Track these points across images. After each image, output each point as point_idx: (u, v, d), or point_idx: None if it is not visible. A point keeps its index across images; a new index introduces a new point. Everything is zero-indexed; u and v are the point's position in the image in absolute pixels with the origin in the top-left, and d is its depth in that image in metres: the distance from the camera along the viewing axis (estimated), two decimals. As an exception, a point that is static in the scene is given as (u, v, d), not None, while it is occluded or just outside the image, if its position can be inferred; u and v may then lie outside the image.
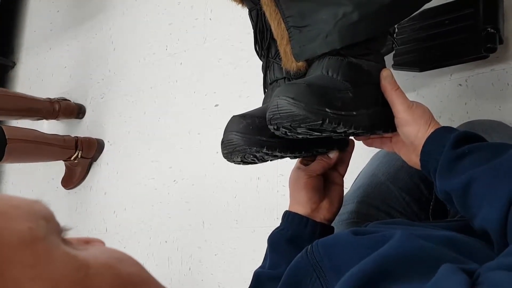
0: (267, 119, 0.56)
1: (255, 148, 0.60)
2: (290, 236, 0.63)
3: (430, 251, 0.41)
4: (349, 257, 0.44)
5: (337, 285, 0.38)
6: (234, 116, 0.63)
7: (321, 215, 0.66)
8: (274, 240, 0.64)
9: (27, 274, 0.25)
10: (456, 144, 0.52)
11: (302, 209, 0.65)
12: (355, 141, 0.71)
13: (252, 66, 1.53)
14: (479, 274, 0.33)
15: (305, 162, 0.69)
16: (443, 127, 0.56)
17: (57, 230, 0.30)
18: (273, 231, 0.66)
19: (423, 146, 0.56)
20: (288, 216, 0.66)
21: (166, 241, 1.60)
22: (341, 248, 0.48)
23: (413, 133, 0.57)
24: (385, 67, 0.63)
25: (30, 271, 0.25)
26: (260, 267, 0.64)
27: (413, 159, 0.59)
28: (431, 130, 0.56)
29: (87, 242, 0.35)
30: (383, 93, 0.60)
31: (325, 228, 0.66)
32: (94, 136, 1.98)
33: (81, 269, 0.28)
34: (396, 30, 1.07)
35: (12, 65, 2.52)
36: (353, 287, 0.37)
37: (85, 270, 0.28)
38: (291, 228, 0.64)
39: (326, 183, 0.69)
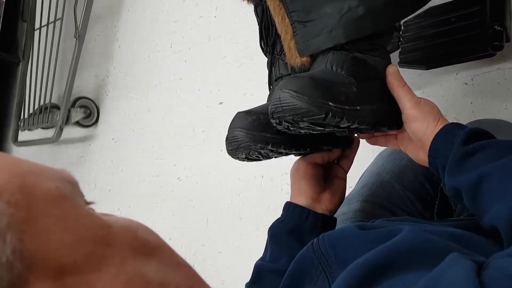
0: (269, 113, 0.55)
1: (260, 145, 0.60)
2: (291, 228, 0.63)
3: (438, 243, 0.41)
4: (355, 250, 0.44)
5: (342, 274, 0.38)
6: (239, 112, 0.63)
7: (322, 206, 0.65)
8: (275, 231, 0.64)
9: (57, 225, 0.28)
10: (466, 141, 0.51)
11: (303, 200, 0.65)
12: (360, 140, 0.71)
13: (257, 64, 1.53)
14: (488, 262, 0.33)
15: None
16: (452, 123, 0.56)
17: (81, 195, 0.32)
18: (273, 223, 0.65)
19: (431, 143, 0.55)
20: (289, 207, 0.65)
21: (170, 238, 1.60)
22: (347, 242, 0.47)
23: (421, 129, 0.56)
24: (391, 63, 0.62)
25: (60, 223, 0.28)
26: (261, 259, 0.64)
27: (421, 156, 0.59)
28: (439, 126, 0.55)
29: (106, 215, 0.37)
30: (390, 89, 0.59)
31: (327, 219, 0.65)
32: (98, 133, 1.99)
33: (104, 228, 0.31)
34: (402, 27, 1.06)
35: (18, 61, 2.52)
36: (358, 276, 0.37)
37: (108, 229, 0.31)
38: (292, 219, 0.64)
39: (329, 177, 0.69)
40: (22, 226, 0.26)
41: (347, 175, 0.71)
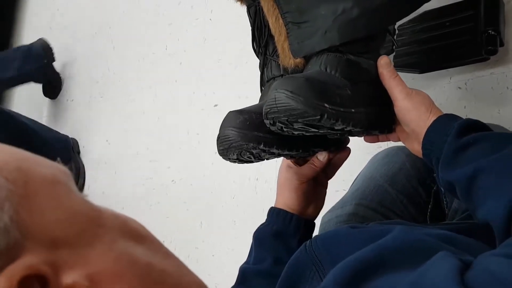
0: (263, 113, 0.55)
1: (251, 144, 0.59)
2: (275, 231, 0.64)
3: (429, 243, 0.41)
4: (347, 250, 0.43)
5: (332, 270, 0.38)
6: (230, 111, 0.62)
7: (305, 216, 0.67)
8: (260, 235, 0.65)
9: (51, 203, 0.30)
10: (460, 133, 0.50)
11: (288, 210, 0.66)
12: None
13: (252, 67, 1.52)
14: (474, 261, 0.33)
15: (296, 161, 0.69)
16: (446, 114, 0.55)
17: (75, 186, 0.34)
18: (258, 227, 0.66)
19: (425, 135, 0.54)
20: (273, 211, 0.66)
21: (163, 241, 1.56)
22: (340, 241, 0.48)
23: (414, 120, 0.56)
24: None
25: (53, 202, 0.30)
26: (245, 262, 0.64)
27: (416, 148, 0.58)
28: (432, 117, 0.55)
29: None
30: (381, 81, 0.59)
31: (309, 223, 0.67)
32: (91, 135, 1.98)
33: (95, 211, 0.33)
34: (397, 31, 1.06)
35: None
36: (348, 273, 0.37)
37: (99, 212, 0.33)
38: (276, 224, 0.65)
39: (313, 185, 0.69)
40: (19, 200, 0.28)
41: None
